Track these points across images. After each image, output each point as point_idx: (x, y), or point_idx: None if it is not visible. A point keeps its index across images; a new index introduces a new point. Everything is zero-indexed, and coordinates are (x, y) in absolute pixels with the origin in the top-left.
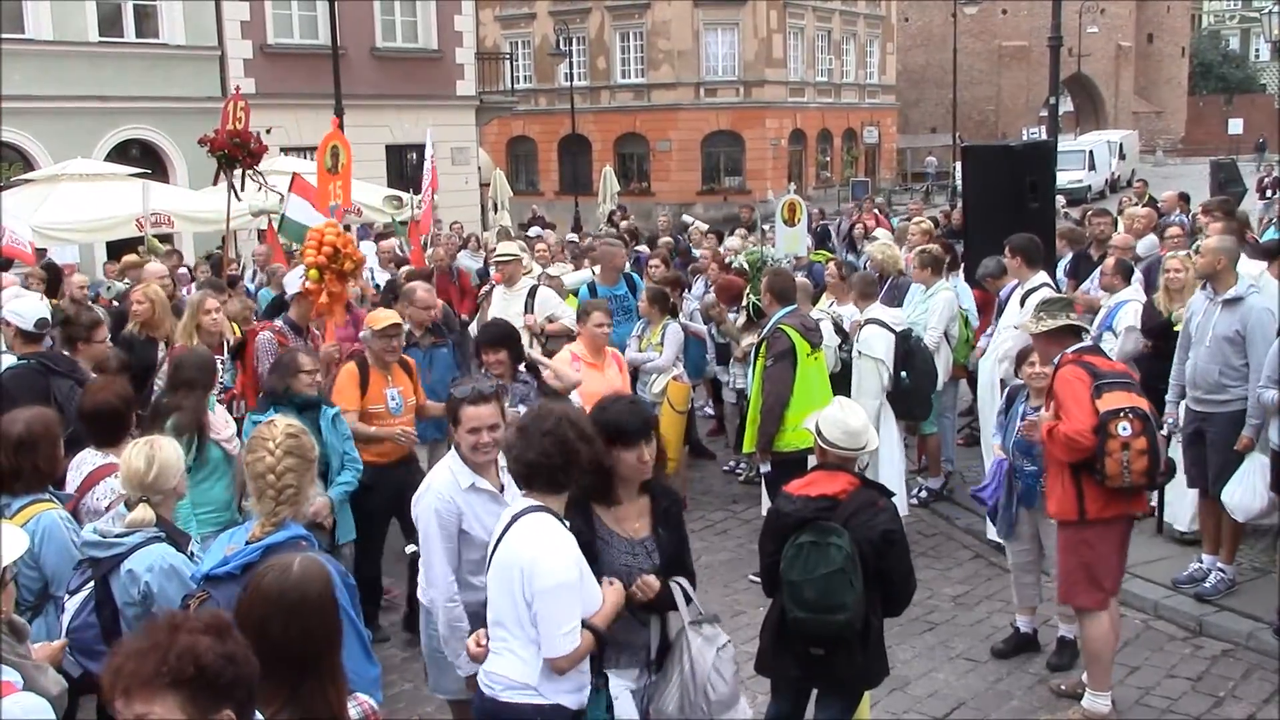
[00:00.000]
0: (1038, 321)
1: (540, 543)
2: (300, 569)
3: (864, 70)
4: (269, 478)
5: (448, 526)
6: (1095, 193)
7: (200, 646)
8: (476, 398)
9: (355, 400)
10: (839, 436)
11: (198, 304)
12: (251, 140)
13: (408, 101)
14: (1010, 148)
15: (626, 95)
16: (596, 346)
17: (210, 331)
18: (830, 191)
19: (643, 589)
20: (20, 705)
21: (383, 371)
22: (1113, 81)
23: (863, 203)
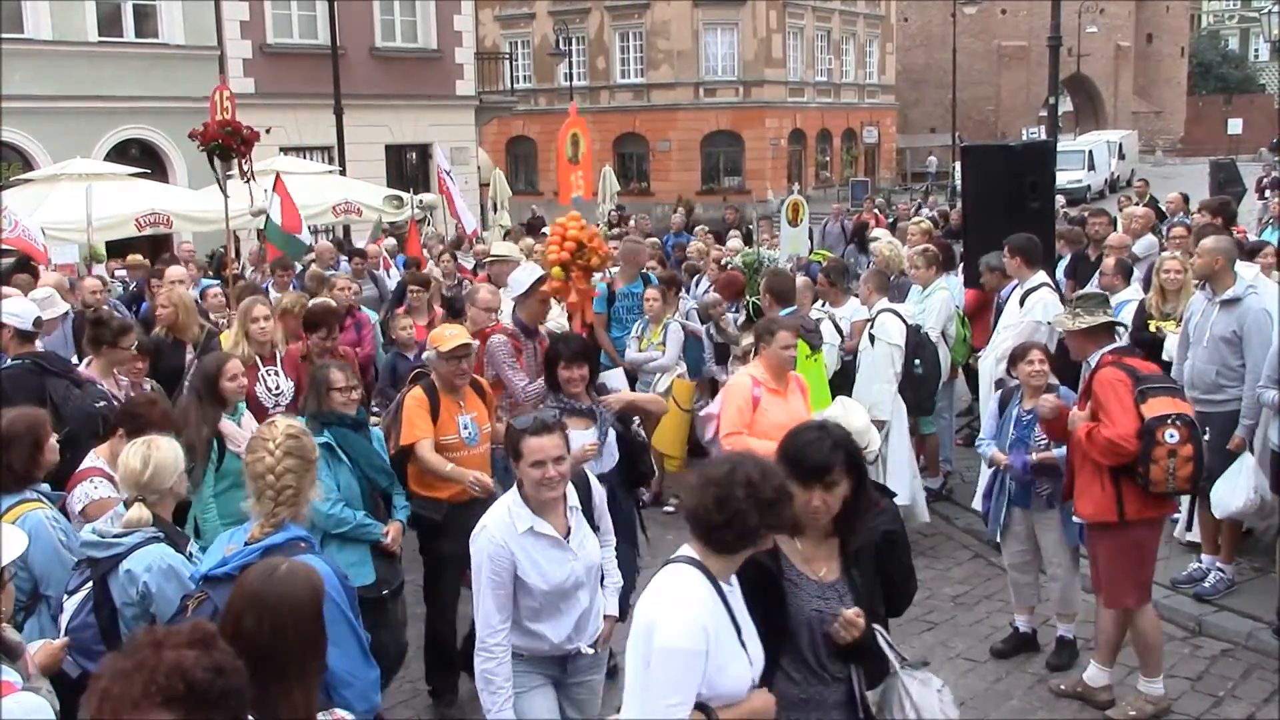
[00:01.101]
0: (1074, 318)
1: (669, 599)
2: (286, 570)
3: (863, 70)
4: (268, 478)
5: (500, 574)
6: (1095, 193)
7: (187, 662)
8: (539, 428)
9: (428, 429)
10: None
11: (246, 311)
12: (243, 128)
13: (407, 101)
14: (1010, 148)
15: (626, 95)
16: (780, 370)
17: (259, 340)
18: (830, 191)
19: (846, 627)
20: (20, 705)
21: (453, 397)
22: (1112, 81)
23: (863, 203)
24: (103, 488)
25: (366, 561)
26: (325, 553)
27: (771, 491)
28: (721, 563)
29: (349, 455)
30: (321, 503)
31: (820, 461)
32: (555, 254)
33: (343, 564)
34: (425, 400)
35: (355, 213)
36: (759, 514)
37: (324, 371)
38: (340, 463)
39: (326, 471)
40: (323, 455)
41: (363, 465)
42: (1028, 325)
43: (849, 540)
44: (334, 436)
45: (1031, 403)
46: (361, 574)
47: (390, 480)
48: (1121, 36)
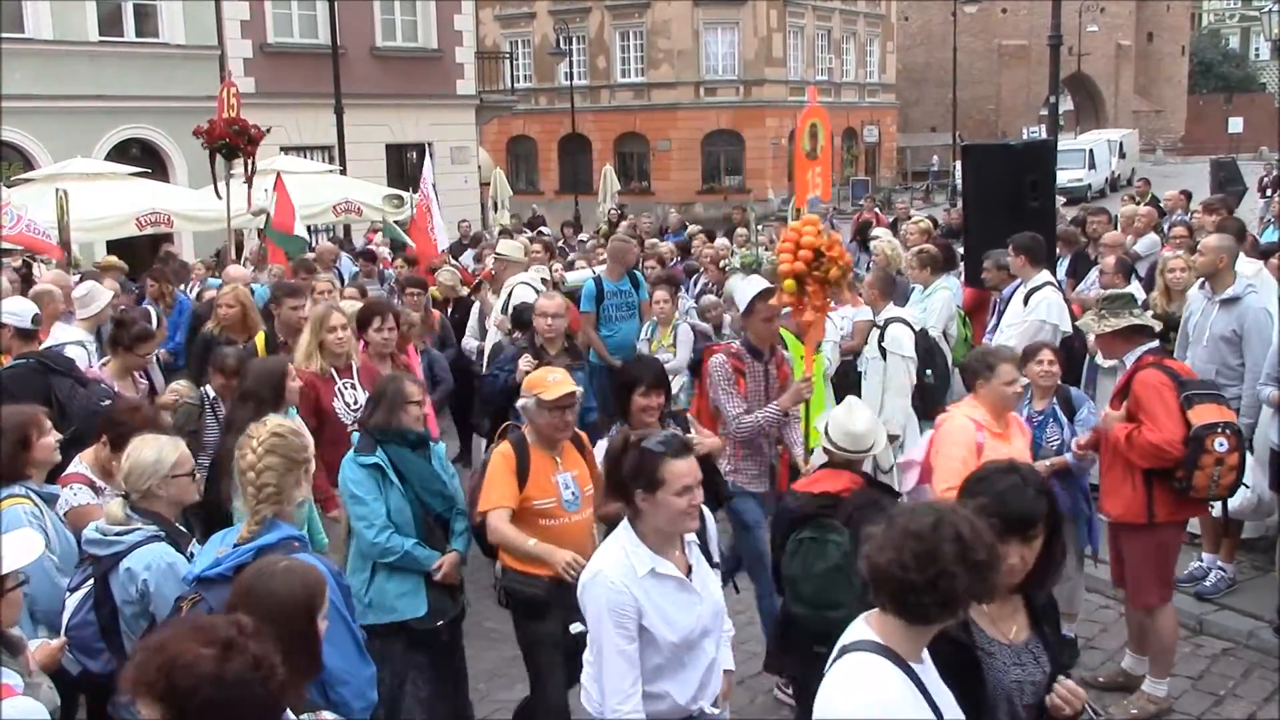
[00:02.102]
0: (1100, 321)
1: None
2: (284, 570)
3: (864, 69)
4: (249, 475)
5: (626, 626)
6: (1095, 191)
7: (184, 659)
8: (681, 448)
9: (510, 495)
10: (841, 438)
11: (320, 320)
12: (250, 127)
13: (407, 101)
14: (1010, 147)
15: (626, 94)
16: (1002, 410)
17: (335, 352)
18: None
19: (1068, 700)
20: (18, 709)
21: (550, 452)
22: (1113, 80)
23: (862, 202)
24: (82, 494)
25: (418, 591)
26: (374, 583)
27: (985, 552)
28: (913, 636)
29: (402, 476)
30: (368, 529)
31: (1024, 512)
32: (788, 264)
33: (392, 594)
34: (512, 458)
35: (355, 212)
36: (969, 578)
37: (397, 384)
38: (391, 485)
39: (376, 495)
40: (372, 477)
41: (417, 488)
42: (1032, 324)
43: (1036, 597)
44: (388, 455)
45: (1043, 403)
46: (412, 605)
47: (448, 505)
48: (1122, 35)
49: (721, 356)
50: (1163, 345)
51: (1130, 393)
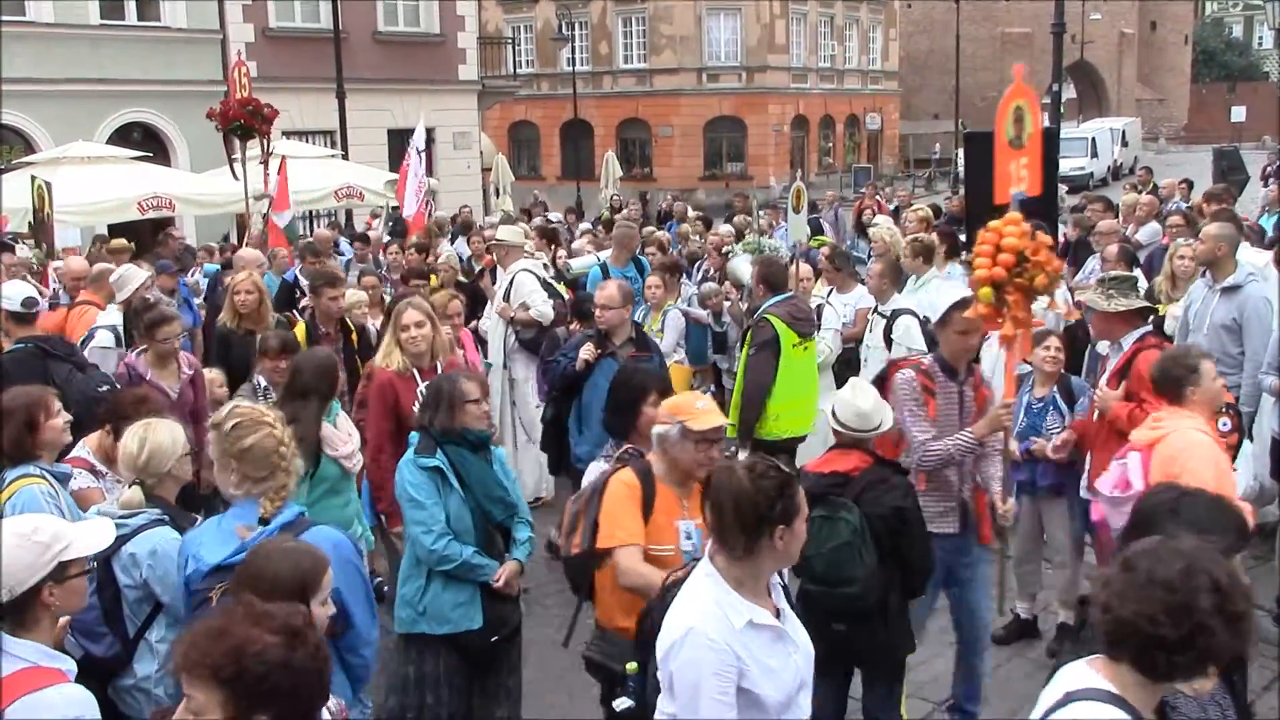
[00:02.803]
0: (1109, 299)
1: None
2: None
3: (866, 56)
4: (281, 450)
5: (728, 690)
6: (1098, 180)
7: (254, 646)
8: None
9: (637, 531)
10: (850, 418)
11: (397, 318)
12: (264, 106)
13: (409, 85)
14: None
15: (629, 80)
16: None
17: (414, 351)
18: (833, 178)
19: None
20: (65, 697)
21: (680, 492)
22: (1115, 68)
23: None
24: (82, 479)
25: (474, 602)
26: (429, 591)
27: (1243, 602)
28: (1153, 693)
29: (463, 480)
30: (425, 535)
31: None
32: (985, 270)
33: (447, 605)
34: (638, 490)
35: (357, 197)
36: (1227, 633)
37: (454, 383)
38: (451, 489)
39: (435, 499)
40: (432, 480)
41: (478, 494)
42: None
43: None
44: (449, 458)
45: (1045, 390)
46: (468, 617)
47: (509, 512)
48: (1125, 23)
49: (909, 373)
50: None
51: (1133, 372)
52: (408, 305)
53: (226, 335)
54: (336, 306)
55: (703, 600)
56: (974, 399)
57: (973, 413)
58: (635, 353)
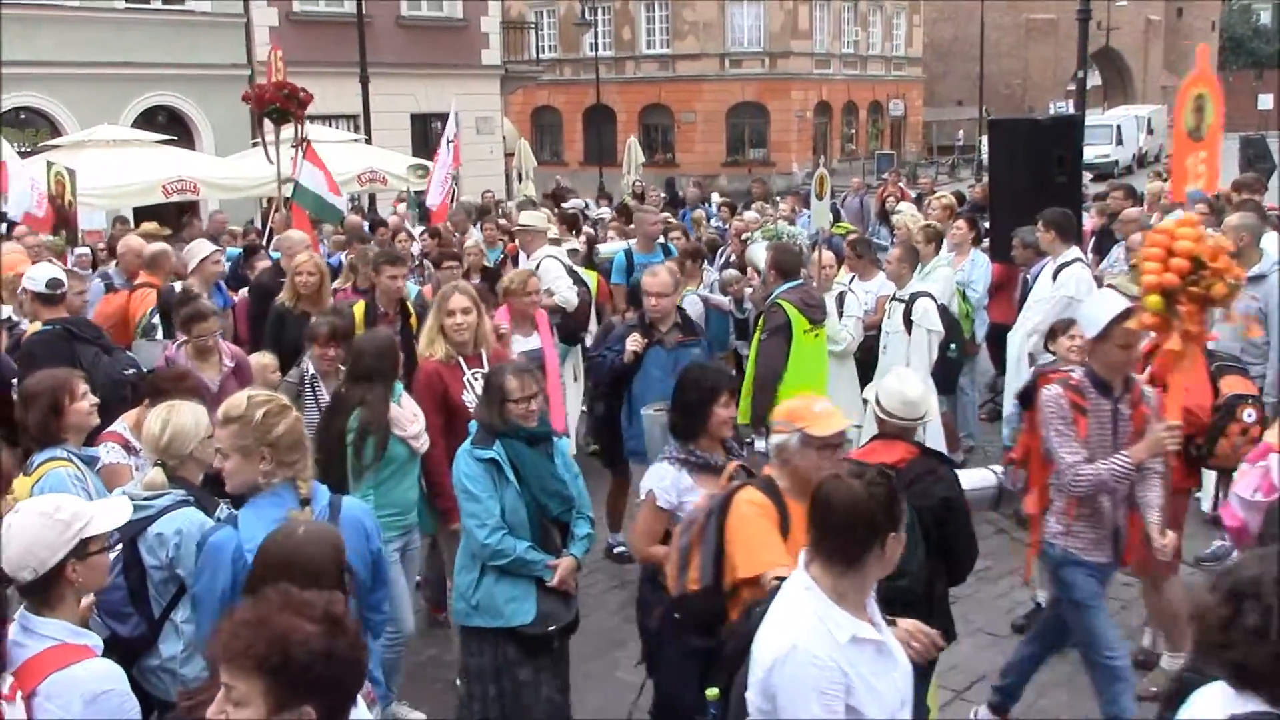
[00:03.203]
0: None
1: None
2: (305, 534)
3: (890, 42)
4: (304, 431)
5: (835, 709)
6: (1123, 168)
7: (297, 635)
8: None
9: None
10: (896, 406)
11: (442, 303)
12: (299, 90)
13: (433, 70)
14: (1037, 122)
15: (652, 66)
16: None
17: (457, 339)
18: (855, 164)
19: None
20: (94, 672)
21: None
22: (1141, 55)
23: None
24: (114, 453)
25: (528, 596)
26: (482, 585)
27: None
28: None
29: (518, 473)
30: (479, 528)
31: None
32: (1155, 276)
33: (500, 599)
34: (771, 508)
35: (381, 181)
36: None
37: (499, 378)
38: (507, 482)
39: (490, 492)
40: (488, 472)
41: (534, 487)
42: (1060, 300)
43: None
44: (505, 451)
45: None
46: (520, 611)
47: (566, 506)
48: (1151, 10)
49: (1057, 389)
50: None
51: (1158, 357)
52: (454, 290)
53: (282, 315)
54: (396, 286)
55: (804, 615)
56: (1131, 418)
57: (1129, 433)
58: (682, 338)
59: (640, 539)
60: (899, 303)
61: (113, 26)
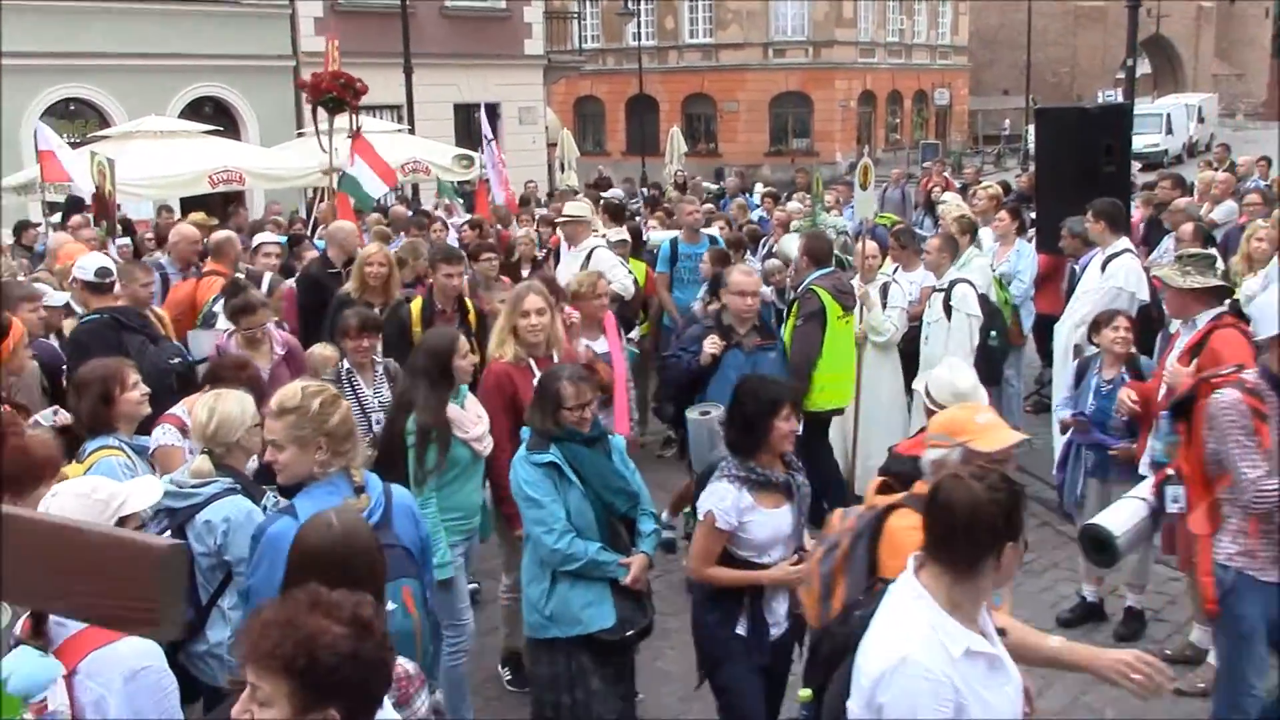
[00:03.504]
0: (1184, 275)
1: None
2: (341, 523)
3: (935, 31)
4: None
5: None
6: (1172, 157)
7: (325, 637)
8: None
9: None
10: (947, 397)
11: (515, 302)
12: (356, 81)
13: (476, 60)
14: (1085, 110)
15: (694, 55)
16: None
17: (530, 341)
18: (900, 154)
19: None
20: (133, 649)
21: None
22: (1192, 43)
23: (931, 166)
24: (169, 435)
25: (605, 599)
26: (555, 593)
27: None
28: None
29: (580, 475)
30: (546, 534)
31: None
32: None
33: (576, 605)
34: None
35: (424, 172)
36: None
37: (553, 384)
38: (570, 484)
39: (553, 496)
40: (548, 476)
41: (597, 486)
42: (1109, 291)
43: None
44: (562, 453)
45: (1114, 371)
46: (599, 615)
47: (632, 503)
48: None
49: (1233, 393)
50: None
51: (1207, 348)
52: (529, 290)
53: (343, 305)
54: (453, 284)
55: (915, 625)
56: None
57: None
58: (760, 341)
59: (698, 560)
60: (939, 292)
61: (160, 18)
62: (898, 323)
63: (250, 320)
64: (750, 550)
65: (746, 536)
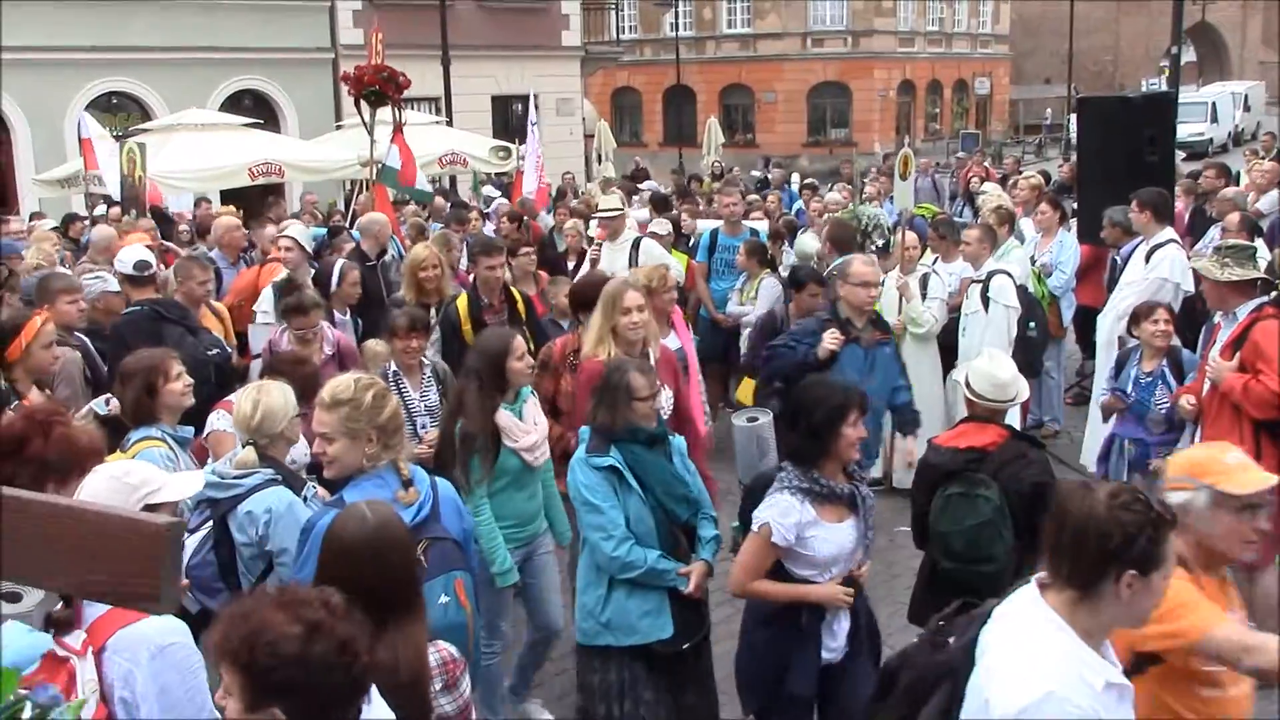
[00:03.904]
0: (1222, 268)
1: None
2: (376, 516)
3: (976, 19)
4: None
5: None
6: (1218, 146)
7: (268, 635)
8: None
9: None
10: (987, 389)
11: (614, 300)
12: (399, 74)
13: (513, 52)
14: (1128, 99)
15: (732, 45)
16: None
17: (629, 340)
18: (939, 144)
19: None
20: (158, 627)
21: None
22: (1239, 29)
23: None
24: (223, 420)
25: (663, 609)
26: (612, 600)
27: None
28: None
29: (641, 480)
30: (605, 540)
31: None
32: None
33: (634, 613)
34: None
35: (461, 163)
36: None
37: (623, 375)
38: (629, 490)
39: (613, 501)
40: (608, 480)
41: (658, 493)
42: (1153, 282)
43: None
44: (623, 456)
45: (1153, 364)
46: (657, 625)
47: (693, 510)
48: None
49: None
50: None
51: (1248, 341)
52: (627, 286)
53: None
54: (495, 276)
55: (1053, 655)
56: None
57: None
58: (879, 335)
59: (744, 572)
60: (977, 284)
61: (201, 12)
62: (937, 314)
63: (302, 321)
64: (810, 569)
65: (807, 554)
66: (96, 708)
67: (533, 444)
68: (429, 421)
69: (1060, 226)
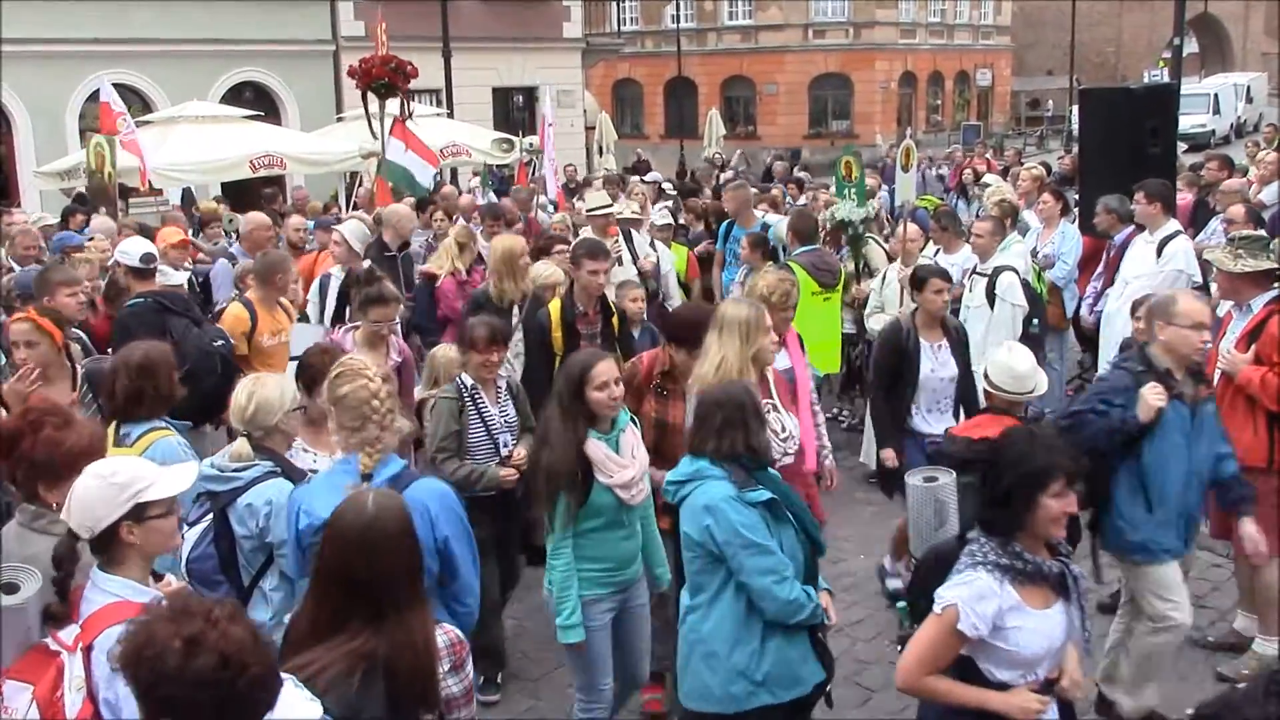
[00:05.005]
0: (1236, 259)
1: None
2: (376, 507)
3: (978, 11)
4: (373, 404)
5: None
6: (1219, 138)
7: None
8: None
9: None
10: (1006, 381)
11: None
12: (407, 65)
13: (515, 44)
14: (1130, 91)
15: (734, 37)
16: None
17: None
18: (941, 136)
19: None
20: None
21: None
22: (1242, 21)
23: (973, 148)
24: None
25: (810, 651)
26: (767, 652)
27: None
28: None
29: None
30: (779, 584)
31: None
32: None
33: (794, 664)
34: None
35: (464, 154)
36: None
37: (747, 396)
38: (785, 524)
39: (768, 536)
40: (763, 518)
41: (805, 522)
42: (1169, 274)
43: None
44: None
45: None
46: (814, 670)
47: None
48: None
49: None
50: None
51: (1264, 333)
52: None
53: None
54: (598, 282)
55: None
56: None
57: None
58: (1205, 391)
59: (919, 665)
60: (980, 277)
61: (202, 4)
62: None
63: (382, 313)
64: (1011, 669)
65: (1009, 649)
66: (83, 704)
67: (629, 479)
68: (510, 438)
69: (1062, 218)
